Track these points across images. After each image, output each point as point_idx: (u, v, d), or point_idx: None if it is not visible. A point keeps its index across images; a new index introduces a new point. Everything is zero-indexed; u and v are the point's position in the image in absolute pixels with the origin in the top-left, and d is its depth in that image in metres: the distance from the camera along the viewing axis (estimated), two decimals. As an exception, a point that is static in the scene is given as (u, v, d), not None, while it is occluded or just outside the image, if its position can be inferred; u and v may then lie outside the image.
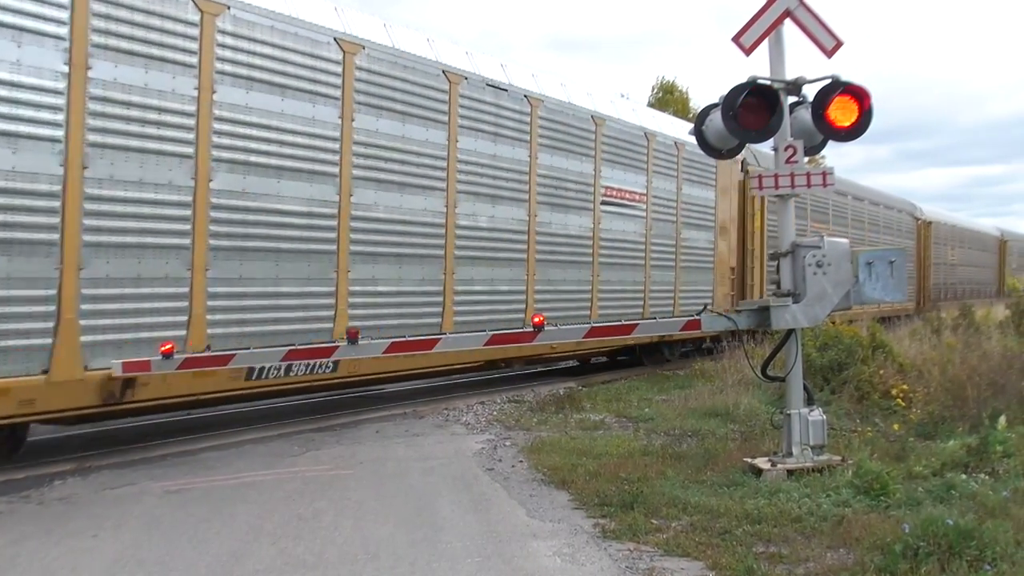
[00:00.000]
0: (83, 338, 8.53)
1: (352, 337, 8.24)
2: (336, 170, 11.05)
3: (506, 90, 13.85)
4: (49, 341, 8.30)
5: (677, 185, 18.53)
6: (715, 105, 8.72)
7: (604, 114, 16.26)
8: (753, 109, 8.39)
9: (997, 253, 45.03)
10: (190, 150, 9.44)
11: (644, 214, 17.43)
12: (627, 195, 16.87)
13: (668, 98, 46.30)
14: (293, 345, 8.89)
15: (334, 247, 11.05)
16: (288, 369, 10.38)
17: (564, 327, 9.55)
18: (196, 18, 9.50)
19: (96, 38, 8.62)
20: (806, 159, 8.63)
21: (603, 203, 16.11)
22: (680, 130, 18.20)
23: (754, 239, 21.40)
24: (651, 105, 41.82)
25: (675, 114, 37.42)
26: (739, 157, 16.41)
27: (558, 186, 14.95)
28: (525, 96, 14.24)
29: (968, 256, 39.04)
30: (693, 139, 9.22)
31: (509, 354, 13.84)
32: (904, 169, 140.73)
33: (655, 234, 17.78)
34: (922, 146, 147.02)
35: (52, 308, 8.32)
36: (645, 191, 17.45)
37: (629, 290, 16.99)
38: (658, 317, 13.54)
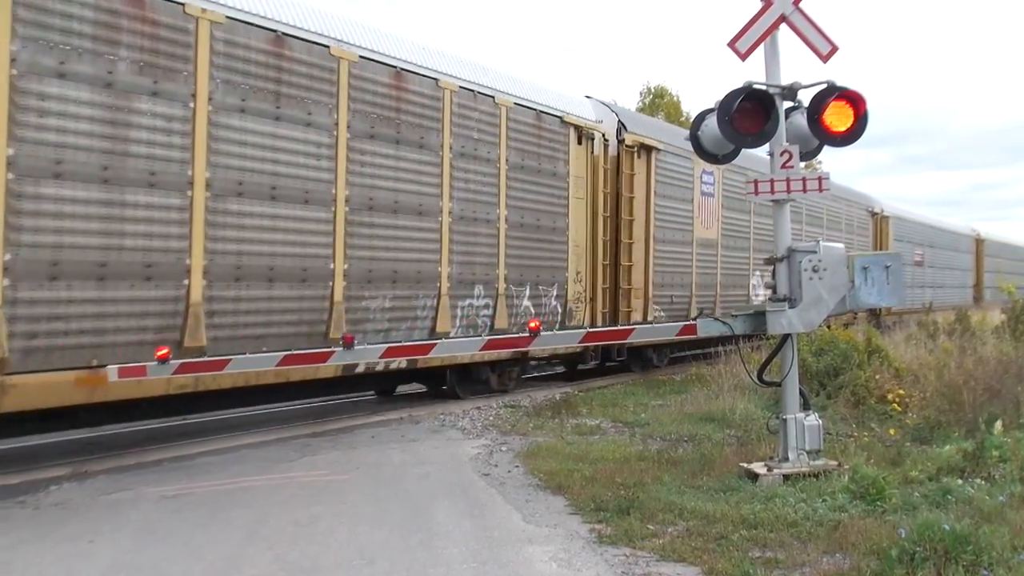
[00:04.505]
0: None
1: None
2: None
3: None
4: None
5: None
6: (711, 110, 8.74)
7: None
8: (749, 114, 8.40)
9: None
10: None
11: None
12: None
13: (658, 102, 46.20)
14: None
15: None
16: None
17: (559, 332, 9.79)
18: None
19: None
20: (802, 164, 8.65)
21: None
22: None
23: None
24: (640, 110, 41.88)
25: (666, 119, 37.65)
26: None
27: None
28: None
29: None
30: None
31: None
32: (904, 173, 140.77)
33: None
34: (921, 151, 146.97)
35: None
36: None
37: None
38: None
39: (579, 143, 15.91)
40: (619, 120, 17.44)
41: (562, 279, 15.47)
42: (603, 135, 16.62)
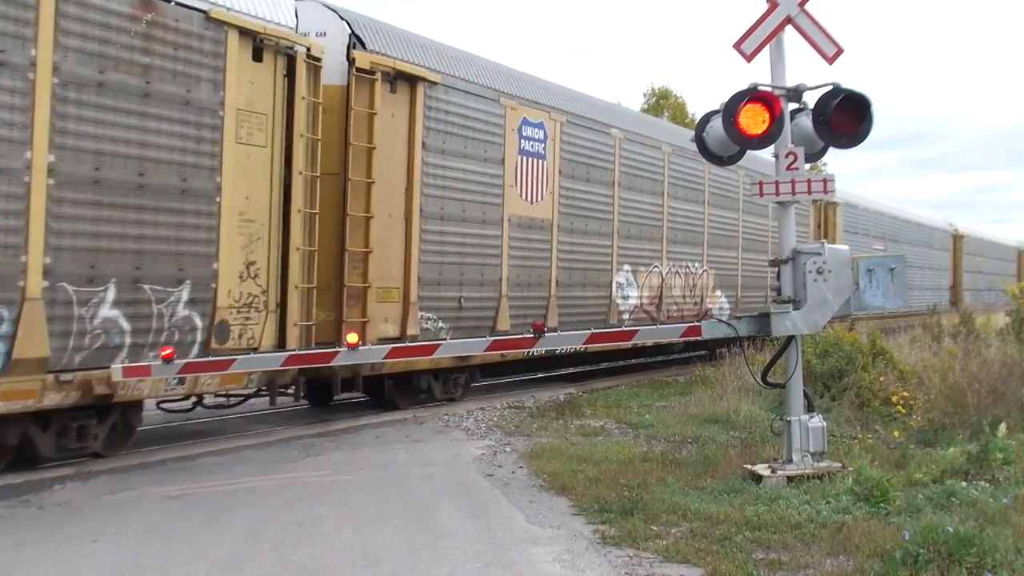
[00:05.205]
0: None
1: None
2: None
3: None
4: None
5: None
6: (716, 112, 8.73)
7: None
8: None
9: (1016, 262, 51.39)
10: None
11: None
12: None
13: (663, 103, 45.62)
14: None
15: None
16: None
17: (564, 333, 9.84)
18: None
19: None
20: (807, 165, 8.64)
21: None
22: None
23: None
24: (644, 111, 41.36)
25: (671, 121, 37.12)
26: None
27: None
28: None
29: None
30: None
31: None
32: (909, 175, 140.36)
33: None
34: (926, 153, 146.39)
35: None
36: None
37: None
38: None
39: (256, 59, 10.38)
40: (351, 32, 11.98)
41: (205, 274, 9.79)
42: (308, 49, 10.90)
